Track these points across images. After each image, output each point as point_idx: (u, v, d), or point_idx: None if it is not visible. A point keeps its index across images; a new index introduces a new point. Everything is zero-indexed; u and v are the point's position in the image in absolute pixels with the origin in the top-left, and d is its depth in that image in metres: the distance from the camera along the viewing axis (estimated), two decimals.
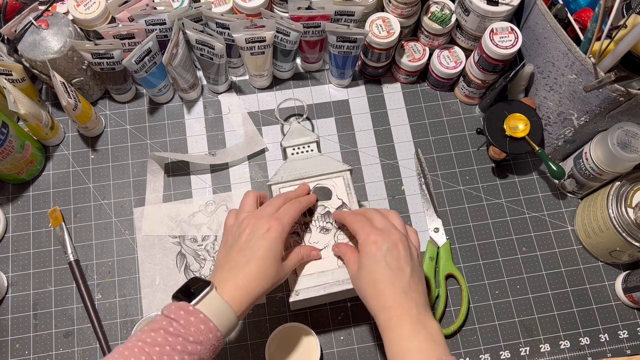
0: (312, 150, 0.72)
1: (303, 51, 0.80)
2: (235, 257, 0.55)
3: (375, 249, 0.55)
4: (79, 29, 0.74)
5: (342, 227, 0.65)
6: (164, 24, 0.73)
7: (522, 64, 0.74)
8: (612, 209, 0.68)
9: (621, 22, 0.63)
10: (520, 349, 0.71)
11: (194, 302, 0.51)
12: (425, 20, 0.76)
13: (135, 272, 0.73)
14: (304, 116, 0.80)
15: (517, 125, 0.74)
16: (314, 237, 0.65)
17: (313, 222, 0.65)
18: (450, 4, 0.76)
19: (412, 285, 0.54)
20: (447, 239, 0.76)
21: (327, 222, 0.65)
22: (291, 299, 0.61)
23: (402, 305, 0.52)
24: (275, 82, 0.85)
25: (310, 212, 0.66)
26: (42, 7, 0.72)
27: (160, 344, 0.47)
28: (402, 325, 0.52)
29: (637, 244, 0.67)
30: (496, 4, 0.70)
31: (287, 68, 0.82)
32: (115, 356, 0.47)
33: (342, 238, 0.65)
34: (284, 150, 0.73)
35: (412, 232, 0.60)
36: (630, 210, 0.67)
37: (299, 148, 0.72)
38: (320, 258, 0.64)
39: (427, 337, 0.51)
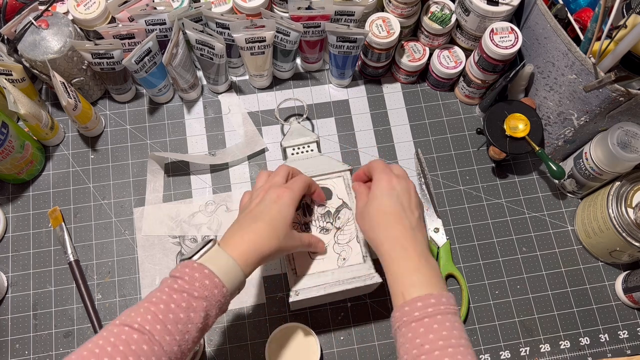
0: (312, 150, 0.72)
1: (303, 51, 0.80)
2: (244, 219, 0.55)
3: (390, 186, 0.57)
4: (79, 29, 0.74)
5: (342, 227, 0.65)
6: (164, 24, 0.73)
7: (522, 64, 0.74)
8: (612, 209, 0.68)
9: (621, 22, 0.63)
10: (520, 349, 0.71)
11: (195, 257, 0.51)
12: (425, 20, 0.76)
13: (135, 272, 0.73)
14: (304, 116, 0.80)
15: (517, 125, 0.74)
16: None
17: (313, 222, 0.65)
18: (450, 4, 0.76)
19: (419, 226, 0.55)
20: (447, 239, 0.76)
21: (327, 222, 0.65)
22: (291, 299, 0.61)
23: (410, 239, 0.53)
24: (275, 82, 0.85)
25: (310, 211, 0.66)
26: (42, 7, 0.72)
27: (165, 302, 0.47)
28: (408, 257, 0.52)
29: (637, 244, 0.67)
30: (496, 4, 0.70)
31: (287, 68, 0.82)
32: (122, 318, 0.47)
33: (342, 238, 0.65)
34: (284, 151, 0.73)
35: None
36: (630, 210, 0.67)
37: (299, 148, 0.72)
38: (325, 252, 0.63)
39: (431, 270, 0.52)
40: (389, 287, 0.53)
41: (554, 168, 0.72)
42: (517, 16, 0.75)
